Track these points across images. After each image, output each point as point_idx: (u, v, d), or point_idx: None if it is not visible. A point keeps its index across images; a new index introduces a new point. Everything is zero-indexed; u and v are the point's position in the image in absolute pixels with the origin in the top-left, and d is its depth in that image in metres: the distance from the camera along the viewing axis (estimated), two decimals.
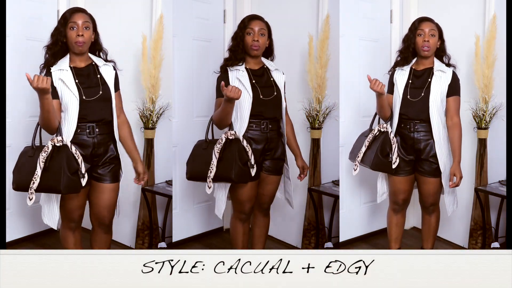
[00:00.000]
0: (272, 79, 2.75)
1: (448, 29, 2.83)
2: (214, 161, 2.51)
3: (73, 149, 2.35)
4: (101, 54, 2.58)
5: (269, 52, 2.82)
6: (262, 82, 2.71)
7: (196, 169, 2.59)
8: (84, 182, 2.39)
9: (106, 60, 2.57)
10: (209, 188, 2.53)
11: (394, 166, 2.75)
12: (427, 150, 2.75)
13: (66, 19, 2.42)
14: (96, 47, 2.55)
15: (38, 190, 2.32)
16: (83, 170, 2.37)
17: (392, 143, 2.75)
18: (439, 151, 2.72)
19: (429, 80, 2.74)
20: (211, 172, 2.50)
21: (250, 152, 2.55)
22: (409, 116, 2.77)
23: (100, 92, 2.46)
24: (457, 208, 2.91)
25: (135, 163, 2.64)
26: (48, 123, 2.34)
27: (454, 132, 2.73)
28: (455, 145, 2.72)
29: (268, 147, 2.71)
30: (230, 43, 2.75)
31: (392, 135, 2.77)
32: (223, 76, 2.69)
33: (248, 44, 2.68)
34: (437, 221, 2.94)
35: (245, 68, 2.71)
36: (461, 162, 2.74)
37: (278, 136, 2.76)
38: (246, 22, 2.70)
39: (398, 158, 2.75)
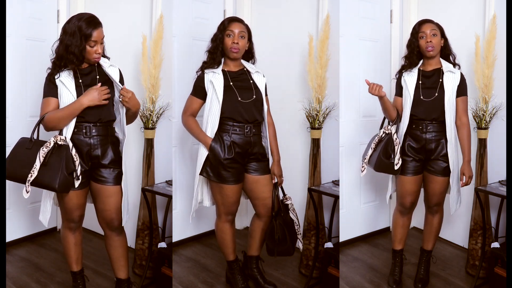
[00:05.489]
0: (252, 81, 2.73)
1: (448, 29, 2.83)
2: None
3: (73, 151, 2.36)
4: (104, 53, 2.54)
5: (250, 55, 2.79)
6: (241, 84, 2.69)
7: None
8: (77, 184, 2.39)
9: (103, 56, 2.52)
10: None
11: (396, 168, 2.75)
12: (439, 150, 2.77)
13: (86, 37, 2.33)
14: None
15: (33, 183, 2.31)
16: (78, 172, 2.38)
17: (394, 145, 2.75)
18: (450, 151, 2.75)
19: (440, 80, 2.76)
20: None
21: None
22: (420, 116, 2.77)
23: None
24: (459, 207, 2.92)
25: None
26: (62, 123, 2.36)
27: (463, 132, 2.76)
28: (464, 145, 2.76)
29: (251, 151, 2.71)
30: (209, 44, 2.72)
31: (395, 136, 2.76)
32: (200, 77, 2.69)
33: (228, 47, 2.65)
34: (440, 222, 2.94)
35: (222, 70, 2.69)
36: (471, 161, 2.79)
37: (261, 139, 2.76)
38: (226, 24, 2.67)
39: (400, 159, 2.75)
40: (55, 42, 2.42)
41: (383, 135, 2.82)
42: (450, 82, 2.74)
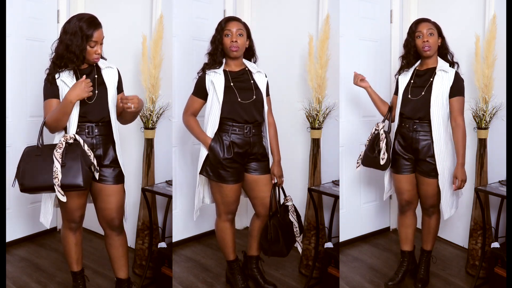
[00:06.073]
0: (252, 81, 2.72)
1: (448, 29, 2.83)
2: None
3: (86, 147, 2.37)
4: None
5: (251, 54, 2.78)
6: (242, 85, 2.69)
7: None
8: (97, 176, 2.42)
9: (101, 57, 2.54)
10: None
11: (382, 163, 2.80)
12: (425, 150, 2.75)
13: (87, 37, 2.35)
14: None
15: (63, 188, 2.28)
16: (96, 164, 2.41)
17: (380, 140, 2.80)
18: (437, 152, 2.71)
19: (431, 79, 2.75)
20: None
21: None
22: (407, 115, 2.79)
23: (96, 91, 2.45)
24: (455, 212, 2.87)
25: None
26: (60, 123, 2.36)
27: (458, 134, 2.70)
28: (459, 147, 2.70)
29: (251, 151, 2.71)
30: (208, 47, 2.72)
31: (382, 131, 2.82)
32: (201, 77, 2.70)
33: (227, 46, 2.65)
34: (437, 223, 2.93)
35: (224, 70, 2.69)
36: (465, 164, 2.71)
37: (261, 139, 2.76)
38: (223, 24, 2.67)
39: (386, 155, 2.78)
40: (55, 41, 2.43)
41: (374, 132, 2.87)
42: (440, 81, 2.71)
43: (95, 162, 2.40)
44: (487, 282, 2.93)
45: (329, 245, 3.01)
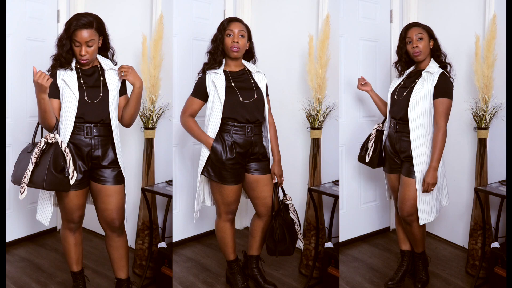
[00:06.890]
0: (253, 81, 2.73)
1: (448, 29, 2.83)
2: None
3: (63, 146, 2.34)
4: (108, 54, 2.55)
5: (250, 55, 2.78)
6: (242, 84, 2.70)
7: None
8: (72, 181, 2.36)
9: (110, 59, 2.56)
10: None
11: (367, 160, 2.95)
12: (404, 151, 2.74)
13: (69, 34, 2.35)
14: (104, 49, 2.53)
15: (29, 185, 2.32)
16: (70, 169, 2.34)
17: (369, 140, 2.94)
18: (414, 153, 2.67)
19: (416, 80, 2.75)
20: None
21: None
22: (392, 115, 2.82)
23: (101, 94, 2.46)
24: (434, 218, 2.76)
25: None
26: (45, 121, 2.36)
27: (436, 136, 2.63)
28: (434, 149, 2.62)
29: (252, 151, 2.72)
30: (209, 45, 2.72)
31: (373, 131, 2.94)
32: (201, 78, 2.70)
33: (228, 46, 2.66)
34: (420, 229, 2.83)
35: (224, 71, 2.69)
36: (438, 168, 2.61)
37: (262, 139, 2.76)
38: (226, 24, 2.67)
39: (371, 152, 2.91)
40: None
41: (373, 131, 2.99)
42: (422, 83, 2.70)
43: (70, 165, 2.34)
44: (487, 282, 2.93)
45: (329, 245, 3.01)
